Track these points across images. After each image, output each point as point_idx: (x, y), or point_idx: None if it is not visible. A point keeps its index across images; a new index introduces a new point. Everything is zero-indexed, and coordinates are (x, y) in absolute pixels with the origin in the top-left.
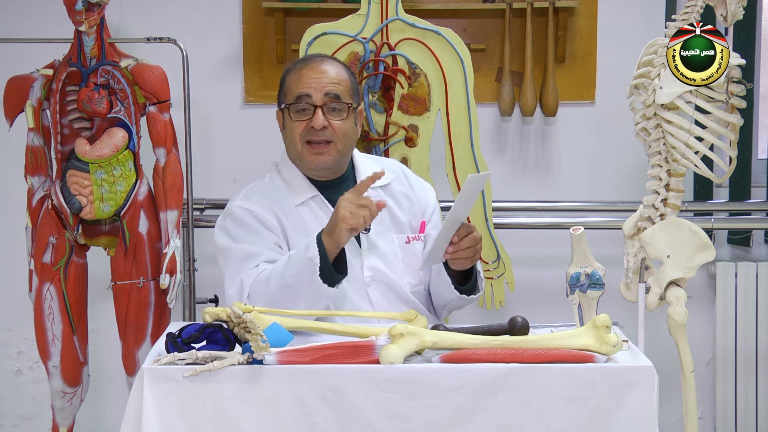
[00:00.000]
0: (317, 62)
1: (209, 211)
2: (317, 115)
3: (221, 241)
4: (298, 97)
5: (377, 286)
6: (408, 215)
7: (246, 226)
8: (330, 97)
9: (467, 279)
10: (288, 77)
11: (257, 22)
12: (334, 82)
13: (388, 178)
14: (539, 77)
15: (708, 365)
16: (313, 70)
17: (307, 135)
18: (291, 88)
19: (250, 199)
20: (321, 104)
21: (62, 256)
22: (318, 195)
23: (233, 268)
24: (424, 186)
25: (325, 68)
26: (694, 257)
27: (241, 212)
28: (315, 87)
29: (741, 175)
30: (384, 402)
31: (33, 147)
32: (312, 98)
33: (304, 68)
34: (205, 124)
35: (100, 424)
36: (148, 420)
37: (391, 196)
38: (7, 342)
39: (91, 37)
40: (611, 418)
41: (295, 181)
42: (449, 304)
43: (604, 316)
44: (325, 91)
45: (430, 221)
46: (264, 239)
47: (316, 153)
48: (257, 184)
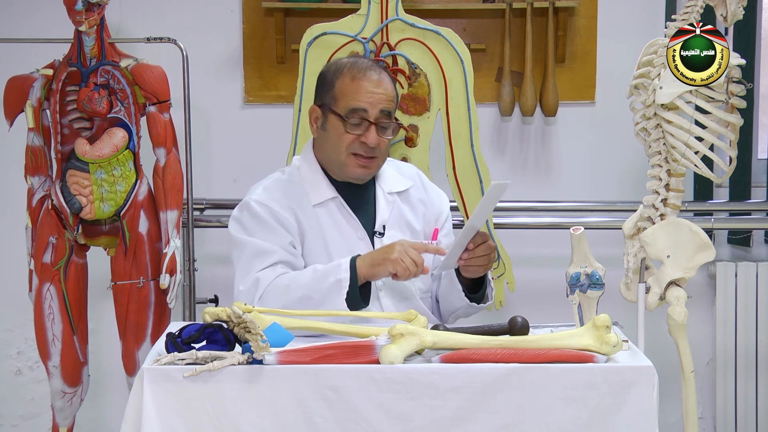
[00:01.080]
0: (375, 74)
1: (209, 211)
2: (371, 133)
3: (235, 233)
4: (354, 110)
5: (388, 291)
6: (422, 222)
7: (262, 222)
8: (384, 114)
9: (478, 287)
10: (340, 81)
11: (257, 22)
12: (389, 98)
13: (406, 184)
14: (539, 77)
15: (708, 365)
16: (371, 83)
17: (356, 148)
18: (346, 96)
19: (269, 194)
20: (375, 121)
21: (62, 256)
22: (338, 197)
23: (245, 263)
24: (439, 193)
25: (382, 82)
26: (694, 257)
27: (258, 207)
28: (372, 102)
29: (741, 175)
30: (384, 402)
31: (33, 147)
32: (368, 114)
33: (363, 80)
34: (205, 124)
35: (100, 424)
36: (148, 420)
37: (408, 202)
38: (7, 342)
39: (91, 37)
40: (611, 418)
41: (317, 181)
42: (458, 311)
43: (604, 316)
44: (380, 107)
45: (443, 228)
46: (279, 238)
47: (362, 166)
48: (277, 179)
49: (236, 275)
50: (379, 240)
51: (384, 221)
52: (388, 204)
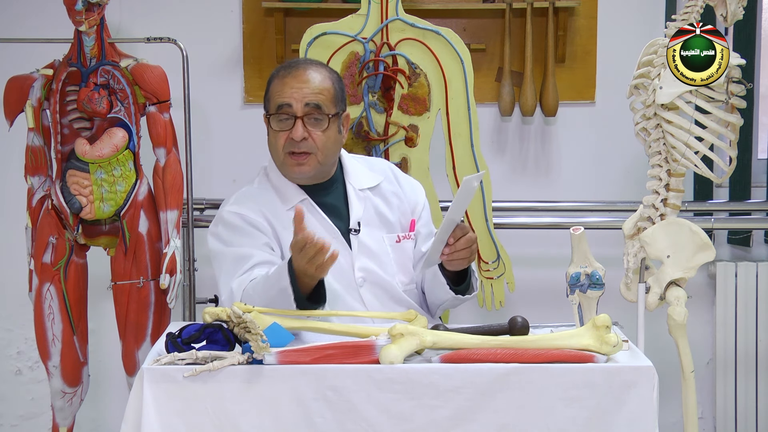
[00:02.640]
0: (300, 70)
1: (209, 211)
2: (297, 127)
3: (214, 247)
4: (279, 106)
5: (369, 286)
6: (398, 214)
7: (237, 230)
8: (311, 108)
9: (462, 279)
10: (272, 83)
11: (257, 22)
12: (315, 91)
13: (377, 179)
14: (539, 77)
15: (708, 365)
16: (295, 78)
17: (288, 146)
18: (273, 95)
19: (240, 203)
20: (302, 115)
21: (62, 256)
22: (307, 198)
23: (225, 274)
24: (413, 184)
25: (307, 77)
26: (694, 257)
27: (231, 216)
28: (296, 97)
29: (741, 175)
30: (384, 402)
31: (33, 147)
32: (293, 108)
33: (287, 76)
34: (205, 124)
35: (100, 424)
36: (148, 420)
37: (381, 196)
38: (7, 342)
39: (91, 37)
40: (611, 418)
41: (284, 186)
42: (444, 303)
43: (604, 316)
44: (306, 101)
45: (420, 219)
46: (254, 240)
47: (297, 164)
48: (247, 189)
49: (219, 287)
50: (356, 237)
51: (358, 218)
52: (361, 201)
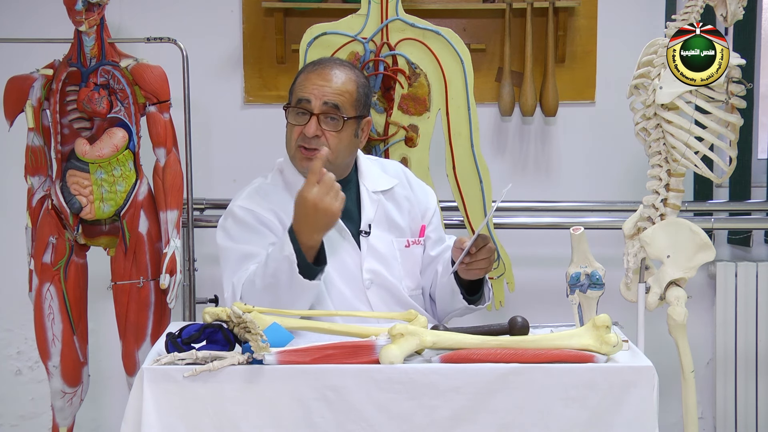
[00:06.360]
0: (327, 68)
1: (209, 211)
2: (311, 124)
3: (221, 241)
4: (299, 100)
5: (376, 289)
6: (408, 219)
7: (246, 226)
8: (329, 107)
9: (476, 289)
10: (299, 77)
11: (257, 22)
12: (336, 92)
13: (391, 182)
14: (539, 77)
15: (708, 365)
16: (319, 76)
17: (301, 140)
18: (296, 89)
19: (252, 199)
20: (318, 112)
21: (62, 256)
22: None
23: (229, 270)
24: (426, 189)
25: (331, 76)
26: (694, 257)
27: (242, 212)
28: (316, 94)
29: (741, 175)
30: (384, 402)
31: (33, 147)
32: (311, 104)
33: (313, 72)
34: (205, 124)
35: (100, 424)
36: (148, 420)
37: (393, 200)
38: (7, 342)
39: (91, 37)
40: (611, 418)
41: (297, 183)
42: (454, 312)
43: (604, 316)
44: (324, 99)
45: (430, 224)
46: (263, 239)
47: (306, 158)
48: (260, 185)
49: (223, 283)
50: (365, 239)
51: (369, 220)
52: (373, 203)
